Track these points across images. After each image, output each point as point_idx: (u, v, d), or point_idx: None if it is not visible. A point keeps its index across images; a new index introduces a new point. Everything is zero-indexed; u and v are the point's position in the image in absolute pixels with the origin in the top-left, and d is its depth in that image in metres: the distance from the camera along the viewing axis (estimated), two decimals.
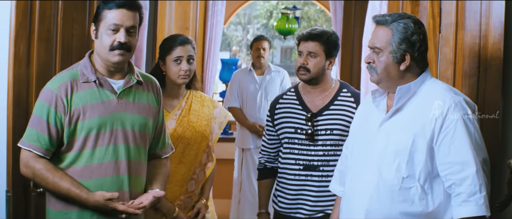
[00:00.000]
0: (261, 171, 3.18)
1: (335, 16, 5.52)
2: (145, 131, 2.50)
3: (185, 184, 3.10)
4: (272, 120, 3.08)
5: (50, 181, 2.33)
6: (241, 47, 19.31)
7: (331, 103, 2.99)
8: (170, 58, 3.02)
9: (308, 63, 2.95)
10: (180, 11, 4.52)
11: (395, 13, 2.31)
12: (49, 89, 2.39)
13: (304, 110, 2.99)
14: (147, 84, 2.56)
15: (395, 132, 2.26)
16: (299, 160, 2.96)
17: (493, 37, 2.76)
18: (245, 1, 9.84)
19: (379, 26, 2.29)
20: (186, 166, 3.09)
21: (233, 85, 5.54)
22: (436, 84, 2.31)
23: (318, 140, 2.93)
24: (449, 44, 2.89)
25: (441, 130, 2.19)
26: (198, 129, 3.10)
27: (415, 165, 2.21)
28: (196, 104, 3.13)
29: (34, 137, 2.35)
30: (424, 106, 2.24)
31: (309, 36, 2.96)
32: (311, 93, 3.03)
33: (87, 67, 2.43)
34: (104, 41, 2.38)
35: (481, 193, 2.15)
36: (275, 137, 3.08)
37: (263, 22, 18.91)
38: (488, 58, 2.79)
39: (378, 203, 2.25)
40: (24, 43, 2.63)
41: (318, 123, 2.95)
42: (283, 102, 3.08)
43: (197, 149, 3.10)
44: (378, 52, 2.27)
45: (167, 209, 3.02)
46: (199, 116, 3.11)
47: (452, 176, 2.18)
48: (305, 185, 2.96)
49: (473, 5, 2.81)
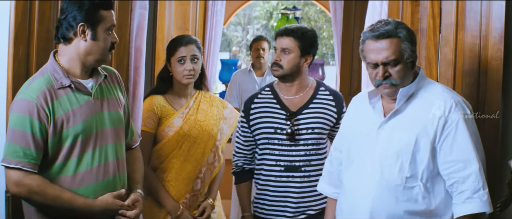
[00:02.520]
0: (239, 174, 3.05)
1: (335, 16, 5.51)
2: (122, 126, 2.49)
3: (191, 183, 3.10)
4: (248, 121, 2.96)
5: (50, 196, 2.24)
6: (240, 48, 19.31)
7: (310, 102, 2.92)
8: (174, 59, 3.06)
9: (281, 59, 2.87)
10: (179, 12, 4.52)
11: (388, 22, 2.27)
12: (27, 99, 2.24)
13: (283, 109, 2.90)
14: (110, 76, 2.52)
15: (396, 133, 2.28)
16: (280, 161, 2.87)
17: (493, 37, 2.76)
18: (245, 2, 9.84)
19: (385, 39, 2.24)
20: (192, 165, 3.09)
21: (232, 85, 5.53)
22: (433, 85, 2.35)
23: (300, 140, 2.86)
24: (449, 44, 2.88)
25: (443, 129, 2.23)
26: (205, 128, 3.11)
27: (417, 164, 2.24)
28: (205, 104, 3.16)
29: (20, 153, 2.21)
30: (424, 106, 2.27)
31: (284, 32, 2.89)
32: (288, 91, 2.94)
33: (58, 71, 2.32)
34: (107, 42, 2.35)
35: (484, 190, 2.20)
36: (251, 138, 2.97)
37: (262, 23, 18.91)
38: (488, 59, 2.78)
39: (383, 203, 2.26)
40: (23, 44, 2.62)
41: (299, 122, 2.87)
42: (259, 101, 2.97)
43: (203, 148, 3.11)
44: (395, 63, 2.24)
45: (171, 207, 3.03)
46: (207, 116, 3.13)
47: (455, 174, 2.22)
48: (287, 186, 2.88)
49: (474, 5, 2.81)
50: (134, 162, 2.61)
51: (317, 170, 2.87)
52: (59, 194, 2.25)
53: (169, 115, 3.07)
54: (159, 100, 3.09)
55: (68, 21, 2.31)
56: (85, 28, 2.31)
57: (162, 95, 3.12)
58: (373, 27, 2.27)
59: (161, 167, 3.10)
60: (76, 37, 2.32)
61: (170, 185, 3.06)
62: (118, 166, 2.42)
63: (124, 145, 2.51)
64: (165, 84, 3.13)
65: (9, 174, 2.24)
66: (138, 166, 2.61)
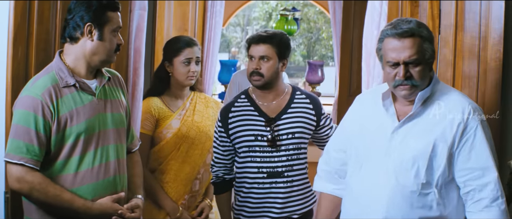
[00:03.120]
0: (219, 184, 2.96)
1: (334, 17, 5.51)
2: (124, 127, 2.50)
3: (189, 184, 3.10)
4: (226, 130, 2.87)
5: (51, 195, 2.25)
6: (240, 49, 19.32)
7: (288, 107, 2.87)
8: (179, 60, 3.03)
9: (261, 67, 2.81)
10: (179, 12, 4.52)
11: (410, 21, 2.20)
12: (32, 96, 2.26)
13: (261, 115, 2.85)
14: (114, 79, 2.53)
15: (412, 138, 2.21)
16: (262, 168, 2.82)
17: (493, 38, 2.76)
18: (244, 3, 9.84)
19: (408, 37, 2.17)
20: (190, 166, 3.10)
21: (232, 86, 5.52)
22: (448, 89, 2.28)
23: (281, 145, 2.82)
24: (448, 45, 2.88)
25: (462, 135, 2.17)
26: (202, 129, 3.11)
27: (434, 171, 2.18)
28: (201, 105, 3.16)
29: (23, 149, 2.23)
30: (442, 111, 2.20)
31: (260, 39, 2.81)
32: (264, 97, 2.89)
33: (63, 70, 2.34)
34: (113, 43, 2.37)
35: (502, 199, 2.16)
36: (230, 147, 2.90)
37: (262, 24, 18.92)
38: (487, 59, 2.78)
39: (397, 209, 2.20)
40: (22, 45, 2.62)
41: (279, 128, 2.83)
42: (236, 109, 2.89)
43: (201, 149, 3.12)
44: (417, 63, 2.17)
45: (170, 208, 3.03)
46: (203, 117, 3.14)
47: (472, 181, 2.17)
48: (271, 192, 2.83)
49: (473, 6, 2.81)
50: (133, 166, 2.61)
51: (299, 174, 2.85)
52: (60, 193, 2.26)
53: (167, 117, 3.07)
54: (156, 102, 3.09)
55: (76, 21, 2.33)
56: (92, 28, 2.33)
57: (158, 96, 3.11)
58: (395, 25, 2.20)
59: (159, 169, 3.10)
60: (83, 37, 2.34)
61: (169, 187, 3.06)
62: (119, 166, 2.42)
63: (125, 147, 2.52)
64: (162, 84, 3.12)
65: (11, 169, 2.24)
66: (137, 170, 2.62)
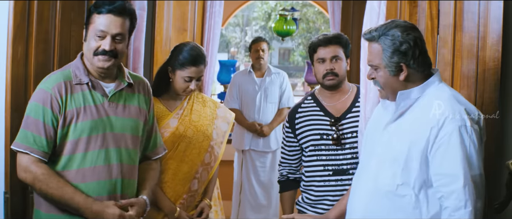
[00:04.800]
0: (283, 183, 3.10)
1: (333, 17, 5.52)
2: (136, 134, 2.50)
3: (187, 183, 3.10)
4: (293, 130, 3.01)
5: (53, 186, 2.29)
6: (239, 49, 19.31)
7: (353, 106, 2.95)
8: (181, 74, 3.00)
9: (335, 67, 2.91)
10: (178, 12, 4.51)
11: (382, 25, 2.24)
12: (43, 89, 2.35)
13: (327, 115, 2.95)
14: (137, 85, 2.55)
15: (395, 137, 2.23)
16: (328, 166, 2.91)
17: (492, 38, 2.76)
18: (243, 3, 9.84)
19: (370, 42, 2.26)
20: (188, 165, 3.09)
21: (232, 87, 5.53)
22: (442, 91, 2.22)
23: (346, 144, 2.89)
24: (447, 45, 2.89)
25: (435, 140, 2.12)
26: (200, 128, 3.11)
27: (410, 172, 2.16)
28: (198, 105, 3.16)
29: (30, 139, 2.31)
30: (423, 113, 2.18)
31: (329, 41, 2.92)
32: (330, 98, 2.99)
33: (80, 68, 2.41)
34: (90, 45, 2.37)
35: (466, 209, 2.06)
36: (297, 147, 3.02)
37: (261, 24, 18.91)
38: (486, 59, 2.79)
39: (374, 208, 2.23)
40: (22, 44, 2.62)
41: (343, 127, 2.91)
42: (302, 110, 3.02)
43: (199, 148, 3.12)
44: (376, 68, 2.26)
45: (169, 209, 3.03)
46: (200, 116, 3.13)
47: (441, 188, 2.11)
48: (336, 190, 2.90)
49: (471, 6, 2.81)
50: (147, 171, 2.61)
51: None
52: (62, 186, 2.30)
53: (164, 117, 3.07)
54: (154, 102, 3.08)
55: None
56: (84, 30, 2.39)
57: (157, 97, 3.11)
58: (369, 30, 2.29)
59: None
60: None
61: (167, 186, 3.06)
62: (122, 171, 2.42)
63: (135, 153, 2.50)
64: (163, 85, 3.10)
65: (19, 159, 2.33)
66: (150, 175, 2.60)
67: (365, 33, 2.29)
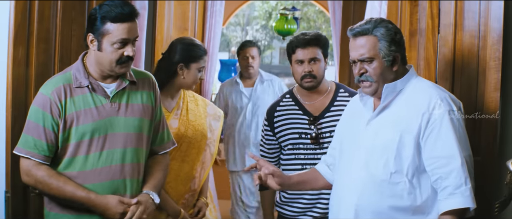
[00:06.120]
0: None
1: (334, 16, 5.52)
2: (140, 132, 2.48)
3: (189, 183, 3.11)
4: (272, 129, 3.01)
5: (53, 187, 2.31)
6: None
7: (331, 105, 2.95)
8: (196, 66, 3.02)
9: (313, 69, 2.89)
10: (179, 12, 4.52)
11: (370, 20, 2.33)
12: (43, 94, 2.35)
13: (305, 114, 2.95)
14: (141, 82, 2.53)
15: (382, 128, 2.30)
16: (306, 164, 2.91)
17: (492, 37, 2.76)
18: (244, 2, 9.83)
19: (361, 36, 2.30)
20: (189, 165, 3.10)
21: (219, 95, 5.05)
22: (422, 82, 2.36)
23: (324, 143, 2.90)
24: (448, 44, 2.89)
25: (427, 125, 2.23)
26: (198, 127, 3.12)
27: (403, 160, 2.25)
28: (191, 104, 3.17)
29: (31, 144, 2.32)
30: (410, 102, 2.29)
31: (307, 42, 2.88)
32: (309, 96, 2.99)
33: (80, 71, 2.40)
34: (111, 55, 2.34)
35: (466, 186, 2.19)
36: (276, 145, 3.03)
37: (262, 23, 18.91)
38: (487, 59, 2.78)
39: (367, 198, 2.28)
40: (23, 44, 2.63)
41: (322, 126, 2.91)
42: (281, 109, 3.01)
43: (198, 148, 3.12)
44: (370, 61, 2.30)
45: (173, 211, 3.02)
46: (196, 115, 3.14)
47: (438, 170, 2.22)
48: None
49: (472, 5, 2.81)
50: (153, 166, 2.58)
51: None
52: (62, 185, 2.31)
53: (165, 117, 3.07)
54: None
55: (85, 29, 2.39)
56: (93, 38, 2.36)
57: None
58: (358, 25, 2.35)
59: None
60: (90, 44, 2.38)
61: (169, 187, 3.06)
62: (125, 171, 2.42)
63: (142, 151, 2.49)
64: (166, 84, 3.06)
65: (21, 163, 2.36)
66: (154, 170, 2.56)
67: (353, 28, 2.33)
